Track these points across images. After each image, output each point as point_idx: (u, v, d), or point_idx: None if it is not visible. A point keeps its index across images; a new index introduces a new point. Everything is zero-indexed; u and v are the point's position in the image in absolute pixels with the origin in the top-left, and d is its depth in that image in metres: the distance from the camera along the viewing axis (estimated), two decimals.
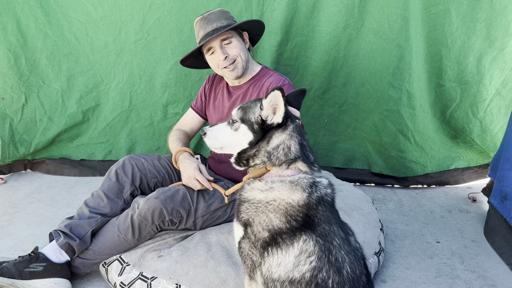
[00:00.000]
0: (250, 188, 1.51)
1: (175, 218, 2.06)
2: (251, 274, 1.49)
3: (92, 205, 2.14)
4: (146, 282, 1.90)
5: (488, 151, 3.33)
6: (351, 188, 2.80)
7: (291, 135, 1.50)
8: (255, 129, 1.52)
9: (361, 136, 3.47)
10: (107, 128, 3.64)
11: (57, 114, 3.61)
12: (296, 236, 1.36)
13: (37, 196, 3.23)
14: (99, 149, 3.71)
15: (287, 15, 3.16)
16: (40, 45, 3.42)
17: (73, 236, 2.00)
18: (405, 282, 2.16)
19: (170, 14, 3.27)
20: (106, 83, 3.53)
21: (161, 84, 3.47)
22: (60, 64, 3.49)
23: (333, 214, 1.46)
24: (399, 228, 2.73)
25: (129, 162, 2.27)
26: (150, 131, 3.64)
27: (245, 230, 1.49)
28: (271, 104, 1.48)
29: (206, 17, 2.22)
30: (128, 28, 3.34)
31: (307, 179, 1.47)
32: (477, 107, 3.23)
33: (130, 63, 3.45)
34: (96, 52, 3.44)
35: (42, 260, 1.94)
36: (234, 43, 2.22)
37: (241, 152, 1.56)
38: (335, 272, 1.31)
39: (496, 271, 2.25)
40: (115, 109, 3.59)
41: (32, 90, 3.53)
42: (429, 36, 3.11)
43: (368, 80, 3.28)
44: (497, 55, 3.09)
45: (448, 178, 3.47)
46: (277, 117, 1.48)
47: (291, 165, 1.50)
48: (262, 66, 2.42)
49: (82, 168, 3.73)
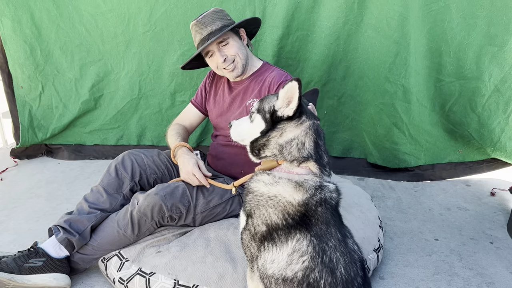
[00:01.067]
0: (256, 180, 1.51)
1: (174, 215, 2.06)
2: (251, 265, 1.50)
3: (92, 200, 2.14)
4: (144, 278, 1.91)
5: (485, 146, 3.34)
6: (350, 185, 2.81)
7: (306, 131, 1.48)
8: (267, 118, 1.51)
9: (358, 127, 3.55)
10: (118, 115, 3.85)
11: (72, 102, 3.83)
12: (291, 234, 1.36)
13: (36, 191, 3.23)
14: (111, 134, 3.95)
15: (288, 9, 3.22)
16: (53, 36, 3.61)
17: (73, 231, 2.00)
18: (404, 279, 2.17)
19: (176, 7, 3.38)
20: (116, 72, 3.71)
21: (169, 73, 3.63)
22: (73, 55, 3.68)
23: (333, 217, 1.44)
24: (398, 226, 2.74)
25: (129, 157, 2.27)
26: (159, 118, 3.83)
27: (247, 220, 1.50)
28: (287, 95, 1.46)
29: (200, 21, 2.21)
30: (136, 20, 3.48)
31: (314, 181, 1.45)
32: (475, 102, 3.25)
33: (138, 53, 3.61)
34: (106, 43, 3.61)
35: (42, 255, 1.94)
36: (231, 43, 2.21)
37: (253, 141, 1.56)
38: (328, 273, 1.31)
39: (494, 269, 2.26)
40: (125, 97, 3.78)
41: (48, 79, 3.76)
42: (430, 32, 3.12)
43: (366, 73, 3.34)
44: (497, 52, 3.08)
45: (440, 171, 3.52)
46: (289, 109, 1.46)
47: (302, 164, 1.48)
48: (264, 62, 2.42)
49: (95, 153, 3.99)
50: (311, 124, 1.50)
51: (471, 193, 3.25)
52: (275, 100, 1.51)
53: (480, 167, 3.56)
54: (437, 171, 3.54)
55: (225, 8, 3.17)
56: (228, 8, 3.21)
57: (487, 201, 3.09)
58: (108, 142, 3.96)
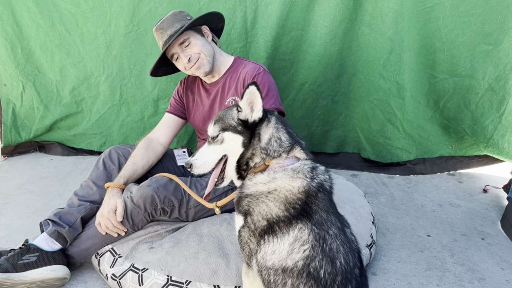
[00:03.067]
0: (253, 184, 1.50)
1: (167, 207, 2.06)
2: (249, 261, 1.50)
3: (82, 194, 2.16)
4: (137, 274, 1.90)
5: (478, 142, 3.37)
6: (343, 182, 2.81)
7: (276, 127, 1.54)
8: (240, 130, 1.53)
9: (352, 122, 3.54)
10: (100, 120, 3.67)
11: (53, 103, 3.68)
12: (293, 224, 1.37)
13: (29, 187, 3.21)
14: (94, 139, 3.78)
15: (282, 9, 3.13)
16: (33, 35, 3.44)
17: (62, 223, 2.01)
18: (396, 275, 2.18)
19: (161, 6, 3.21)
20: (96, 76, 3.53)
21: (152, 78, 3.44)
22: (53, 55, 3.50)
23: (331, 204, 1.47)
24: (391, 222, 2.75)
25: (115, 151, 2.31)
26: (141, 126, 3.64)
27: (245, 219, 1.49)
28: (248, 102, 1.49)
29: (159, 26, 2.22)
30: (118, 20, 3.29)
31: (307, 165, 1.50)
32: (469, 99, 3.27)
33: (119, 56, 3.42)
34: (86, 44, 3.42)
35: (34, 251, 1.94)
36: (193, 42, 2.20)
37: (239, 159, 1.55)
38: (328, 262, 1.31)
39: (485, 265, 2.28)
40: (106, 103, 3.60)
41: (28, 78, 3.60)
42: (424, 29, 3.12)
43: (360, 70, 3.32)
44: (491, 50, 3.09)
45: (432, 166, 3.56)
46: (257, 112, 1.50)
47: (289, 154, 1.52)
48: (235, 57, 2.40)
49: (84, 153, 3.89)
50: (276, 119, 1.56)
51: (463, 189, 3.27)
52: (236, 113, 1.54)
53: (471, 162, 3.60)
54: (428, 165, 3.56)
55: (214, 8, 3.10)
56: (218, 8, 3.12)
57: (478, 198, 3.11)
58: (92, 147, 3.82)
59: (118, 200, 2.01)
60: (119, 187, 2.09)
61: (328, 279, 1.30)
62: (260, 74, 2.19)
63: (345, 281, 1.31)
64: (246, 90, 1.46)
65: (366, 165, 3.66)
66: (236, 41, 3.22)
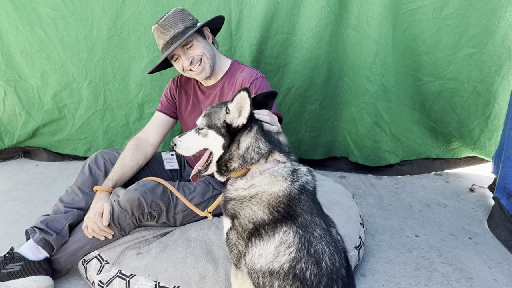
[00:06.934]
0: (234, 189, 1.52)
1: (154, 211, 2.04)
2: (237, 263, 1.51)
3: (67, 200, 2.12)
4: (124, 280, 1.88)
5: (465, 145, 3.40)
6: (331, 183, 2.82)
7: (256, 137, 1.52)
8: (223, 133, 1.54)
9: (339, 126, 3.53)
10: (84, 126, 3.63)
11: (35, 109, 3.62)
12: (278, 228, 1.38)
13: (14, 193, 3.16)
14: (79, 145, 3.73)
15: (267, 12, 3.10)
16: (13, 40, 3.36)
17: (49, 231, 1.98)
18: (385, 275, 2.19)
19: (145, 9, 3.17)
20: (78, 82, 3.47)
21: (136, 83, 3.41)
22: (33, 60, 3.43)
23: (315, 205, 1.47)
24: (379, 223, 2.76)
25: (101, 156, 2.28)
26: (127, 131, 3.59)
27: (233, 222, 1.50)
28: (237, 106, 1.49)
29: (161, 24, 2.16)
30: (100, 24, 3.24)
31: (287, 167, 1.49)
32: (454, 102, 3.30)
33: (102, 61, 3.37)
34: (67, 49, 3.36)
35: (18, 260, 1.90)
36: (195, 44, 2.16)
37: (219, 159, 1.57)
38: (314, 264, 1.32)
39: (473, 264, 2.30)
40: (89, 108, 3.55)
41: (10, 84, 3.54)
42: (408, 31, 3.13)
43: (346, 73, 3.30)
44: (475, 53, 3.11)
45: (419, 166, 3.58)
46: (242, 118, 1.50)
47: (268, 158, 1.52)
48: (232, 61, 2.38)
49: (70, 158, 3.83)
50: (257, 128, 1.54)
51: (450, 189, 3.30)
52: (224, 114, 1.54)
53: (458, 162, 3.63)
54: (415, 165, 3.58)
55: (198, 9, 3.07)
56: (201, 10, 3.09)
57: (465, 198, 3.14)
58: (77, 153, 3.74)
59: (105, 203, 2.00)
60: (107, 191, 2.08)
61: (314, 280, 1.31)
62: (258, 79, 2.17)
63: (331, 281, 1.32)
64: (237, 95, 1.46)
65: (354, 167, 3.65)
66: (221, 44, 3.18)
